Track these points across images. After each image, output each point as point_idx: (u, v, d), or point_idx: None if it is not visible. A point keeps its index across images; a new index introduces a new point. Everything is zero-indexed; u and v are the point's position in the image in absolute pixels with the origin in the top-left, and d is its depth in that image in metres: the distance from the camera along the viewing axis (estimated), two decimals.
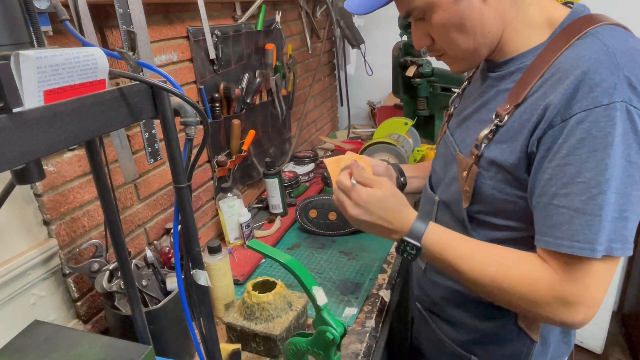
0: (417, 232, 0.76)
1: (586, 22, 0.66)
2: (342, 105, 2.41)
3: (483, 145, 0.73)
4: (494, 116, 0.72)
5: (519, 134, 0.67)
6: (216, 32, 1.26)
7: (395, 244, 0.79)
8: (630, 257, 2.21)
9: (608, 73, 0.59)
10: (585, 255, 0.61)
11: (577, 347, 2.23)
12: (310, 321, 0.97)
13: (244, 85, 1.41)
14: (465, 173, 0.75)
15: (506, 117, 0.70)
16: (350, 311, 1.03)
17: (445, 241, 0.75)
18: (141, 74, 0.50)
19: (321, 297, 0.75)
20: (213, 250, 1.01)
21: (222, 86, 1.31)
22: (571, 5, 0.72)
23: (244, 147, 1.45)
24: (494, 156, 0.71)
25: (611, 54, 0.60)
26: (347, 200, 0.80)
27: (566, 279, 0.63)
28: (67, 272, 0.89)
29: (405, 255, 0.77)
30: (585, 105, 0.59)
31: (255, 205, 1.58)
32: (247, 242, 1.30)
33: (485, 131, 0.73)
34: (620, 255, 0.61)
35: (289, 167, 1.79)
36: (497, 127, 0.71)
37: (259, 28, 1.48)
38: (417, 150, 1.68)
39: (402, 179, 1.05)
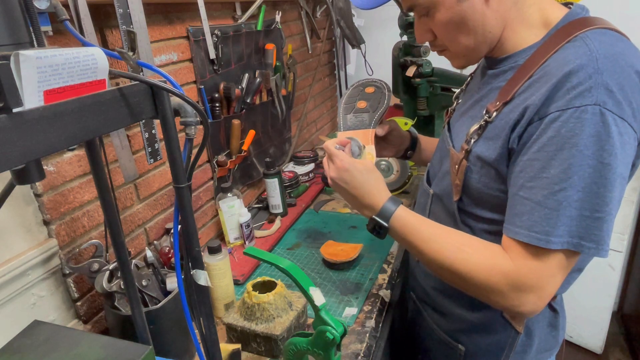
0: (387, 212, 0.81)
1: (579, 25, 0.67)
2: None
3: (472, 140, 0.75)
4: (484, 112, 0.75)
5: (503, 131, 0.70)
6: (216, 32, 1.26)
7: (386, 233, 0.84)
8: (630, 257, 2.21)
9: (586, 76, 0.60)
10: (540, 246, 0.63)
11: (577, 347, 2.23)
12: (310, 321, 0.97)
13: (244, 85, 1.41)
14: (456, 167, 0.78)
15: (494, 114, 0.72)
16: (350, 311, 1.03)
17: (412, 224, 0.79)
18: (141, 74, 0.50)
19: (318, 297, 0.75)
20: (213, 250, 1.01)
21: (222, 86, 1.31)
22: (571, 6, 0.73)
23: (244, 147, 1.45)
24: (480, 151, 0.74)
25: (593, 59, 0.61)
26: (331, 164, 0.88)
27: (521, 267, 0.66)
28: (67, 272, 0.89)
29: (374, 233, 0.83)
30: (560, 105, 0.62)
31: (255, 205, 1.57)
32: (246, 245, 1.30)
33: (475, 127, 0.75)
34: (595, 255, 0.63)
35: (289, 167, 1.79)
36: (486, 123, 0.74)
37: (259, 28, 1.48)
38: None
39: (409, 152, 1.14)
